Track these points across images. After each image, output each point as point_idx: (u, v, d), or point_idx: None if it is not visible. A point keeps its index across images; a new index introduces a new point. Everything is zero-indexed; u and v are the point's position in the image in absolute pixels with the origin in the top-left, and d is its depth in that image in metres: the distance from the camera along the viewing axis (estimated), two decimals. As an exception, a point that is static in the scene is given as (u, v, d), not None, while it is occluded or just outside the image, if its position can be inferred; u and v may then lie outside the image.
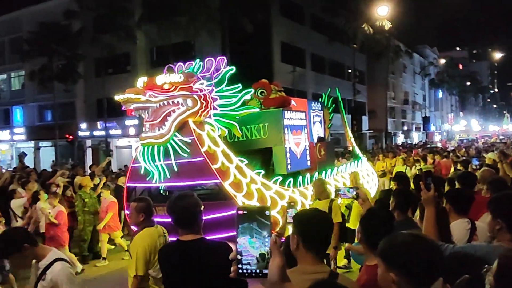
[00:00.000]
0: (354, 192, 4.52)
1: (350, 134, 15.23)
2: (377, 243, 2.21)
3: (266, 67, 34.45)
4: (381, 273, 2.10)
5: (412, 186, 7.86)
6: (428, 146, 39.90)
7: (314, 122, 12.78)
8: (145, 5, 30.87)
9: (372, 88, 50.82)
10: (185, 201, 3.31)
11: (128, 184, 8.44)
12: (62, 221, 9.60)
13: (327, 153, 11.08)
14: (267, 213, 1.60)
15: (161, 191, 8.51)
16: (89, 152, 37.66)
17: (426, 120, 61.91)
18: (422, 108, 70.07)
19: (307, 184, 8.95)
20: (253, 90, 9.53)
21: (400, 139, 58.39)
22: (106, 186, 12.21)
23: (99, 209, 11.19)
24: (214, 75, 8.18)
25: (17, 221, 10.04)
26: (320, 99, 13.95)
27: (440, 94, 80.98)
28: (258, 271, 1.58)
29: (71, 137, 35.98)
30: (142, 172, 7.59)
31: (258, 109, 9.45)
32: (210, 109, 7.60)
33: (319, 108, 13.28)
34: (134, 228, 5.41)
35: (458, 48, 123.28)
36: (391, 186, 10.00)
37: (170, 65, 8.20)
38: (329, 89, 14.75)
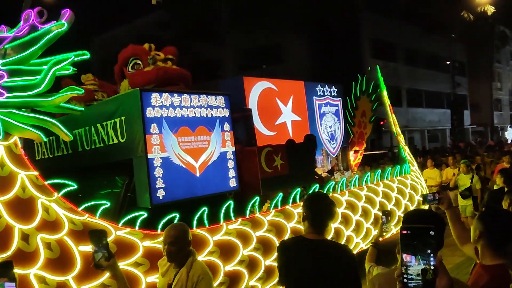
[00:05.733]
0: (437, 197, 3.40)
1: (398, 129, 9.24)
2: (502, 242, 2.22)
3: (356, 65, 29.46)
4: None
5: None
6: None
7: (322, 114, 7.42)
8: (233, 10, 28.75)
9: (474, 79, 41.70)
10: (323, 201, 3.00)
11: None
12: None
13: (294, 163, 5.67)
14: (431, 233, 1.43)
15: None
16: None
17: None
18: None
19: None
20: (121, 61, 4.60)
21: (508, 133, 47.14)
22: None
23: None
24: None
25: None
26: (354, 84, 8.41)
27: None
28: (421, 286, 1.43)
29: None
30: None
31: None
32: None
33: (331, 94, 7.77)
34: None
35: None
36: (497, 183, 6.89)
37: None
38: (369, 68, 9.10)
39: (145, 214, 4.18)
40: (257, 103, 6.92)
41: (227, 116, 5.08)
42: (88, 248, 3.70)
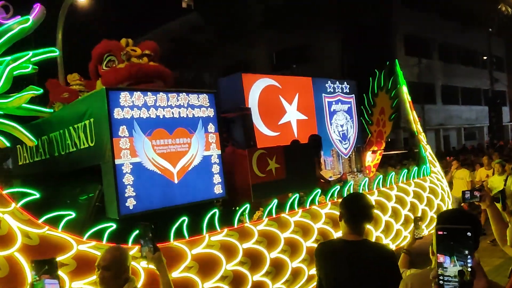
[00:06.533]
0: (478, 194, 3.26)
1: (419, 127, 8.49)
2: None
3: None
4: None
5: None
6: None
7: (333, 112, 6.85)
8: (264, 11, 28.36)
9: (514, 74, 39.56)
10: (361, 201, 2.94)
11: None
12: None
13: (292, 166, 5.13)
14: (469, 234, 1.41)
15: None
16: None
17: None
18: None
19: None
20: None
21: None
22: None
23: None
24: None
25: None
26: (371, 79, 7.81)
27: None
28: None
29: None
30: None
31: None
32: None
33: (343, 91, 7.18)
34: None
35: None
36: None
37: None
38: (387, 62, 8.47)
39: (114, 226, 3.75)
40: (258, 102, 6.40)
41: (212, 116, 4.58)
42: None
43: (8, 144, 3.81)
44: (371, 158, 8.62)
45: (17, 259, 3.29)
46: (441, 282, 1.40)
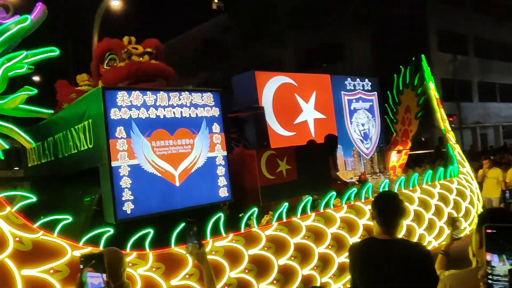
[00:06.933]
0: None
1: (447, 125, 8.03)
2: None
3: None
4: None
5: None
6: None
7: (353, 110, 6.55)
8: (294, 10, 28.06)
9: (557, 69, 37.60)
10: (392, 200, 2.87)
11: None
12: None
13: (305, 167, 4.86)
14: None
15: None
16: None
17: None
18: None
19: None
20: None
21: None
22: None
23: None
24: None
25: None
26: (396, 76, 7.47)
27: None
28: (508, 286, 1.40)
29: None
30: None
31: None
32: None
33: (364, 88, 6.85)
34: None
35: None
36: None
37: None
38: (413, 58, 8.08)
39: (111, 231, 3.59)
40: (272, 100, 6.14)
41: (217, 115, 4.36)
42: (33, 272, 3.22)
43: (7, 147, 3.71)
44: (396, 158, 8.22)
45: (7, 265, 3.17)
46: (489, 281, 1.38)
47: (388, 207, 2.82)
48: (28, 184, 5.39)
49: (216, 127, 4.35)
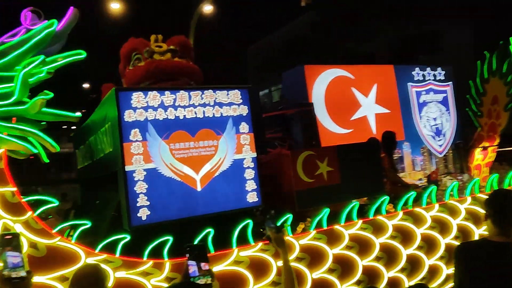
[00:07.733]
0: None
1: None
2: None
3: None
4: None
5: None
6: None
7: (423, 104, 5.92)
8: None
9: None
10: (509, 197, 2.72)
11: None
12: None
13: (350, 169, 4.38)
14: None
15: None
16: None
17: None
18: None
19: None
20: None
21: None
22: None
23: None
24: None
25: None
26: (480, 63, 6.70)
27: None
28: None
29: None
30: None
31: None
32: None
33: (436, 78, 6.14)
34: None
35: None
36: None
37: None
38: (500, 42, 7.15)
39: (128, 238, 3.42)
40: (324, 96, 5.62)
41: (245, 114, 4.02)
42: (42, 279, 3.11)
43: (35, 151, 3.71)
44: (481, 156, 7.22)
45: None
46: None
47: (506, 206, 2.66)
48: (78, 186, 5.50)
49: (244, 127, 4.01)
